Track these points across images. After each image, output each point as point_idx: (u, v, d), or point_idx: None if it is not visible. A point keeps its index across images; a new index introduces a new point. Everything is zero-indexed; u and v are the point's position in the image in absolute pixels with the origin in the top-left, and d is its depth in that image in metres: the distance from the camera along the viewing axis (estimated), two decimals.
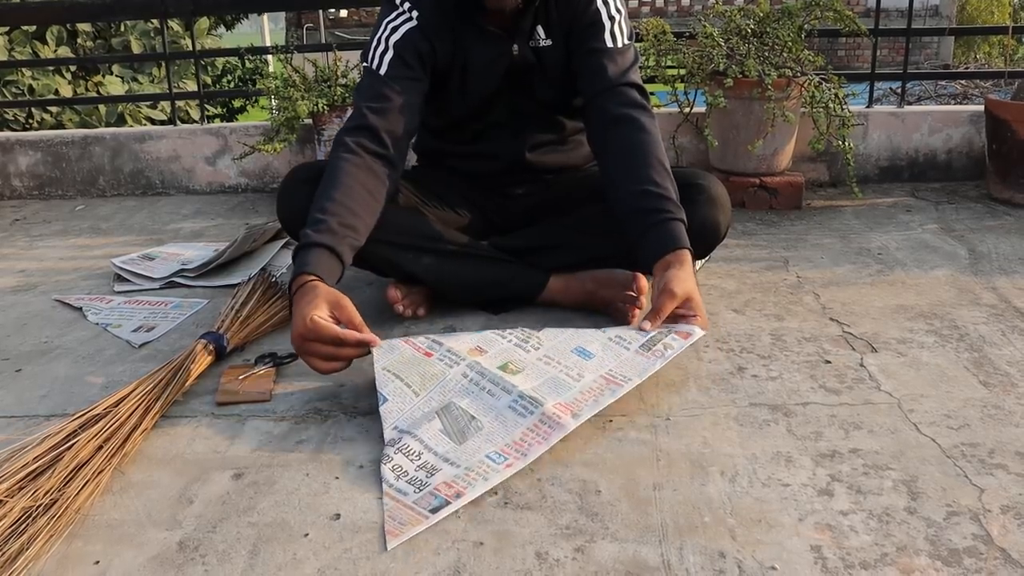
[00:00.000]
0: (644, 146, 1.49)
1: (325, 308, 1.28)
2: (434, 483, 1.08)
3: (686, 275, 1.37)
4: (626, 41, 1.58)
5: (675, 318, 1.37)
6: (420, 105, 1.57)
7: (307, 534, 1.01)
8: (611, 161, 1.53)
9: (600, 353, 1.32)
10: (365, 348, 1.29)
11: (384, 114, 1.51)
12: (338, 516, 1.04)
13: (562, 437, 1.15)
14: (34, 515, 1.02)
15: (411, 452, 1.15)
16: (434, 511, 1.03)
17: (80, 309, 1.81)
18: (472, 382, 1.26)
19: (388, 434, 1.19)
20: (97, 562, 0.97)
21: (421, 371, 1.28)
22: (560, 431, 1.16)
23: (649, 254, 1.42)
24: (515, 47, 1.59)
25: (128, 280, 1.98)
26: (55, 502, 1.04)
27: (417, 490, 1.08)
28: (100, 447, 1.15)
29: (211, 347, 1.45)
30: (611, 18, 1.57)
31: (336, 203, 1.41)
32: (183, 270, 1.99)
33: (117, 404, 1.24)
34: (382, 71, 1.54)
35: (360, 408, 1.31)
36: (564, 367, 1.29)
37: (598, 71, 1.55)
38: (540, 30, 1.60)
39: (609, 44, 1.56)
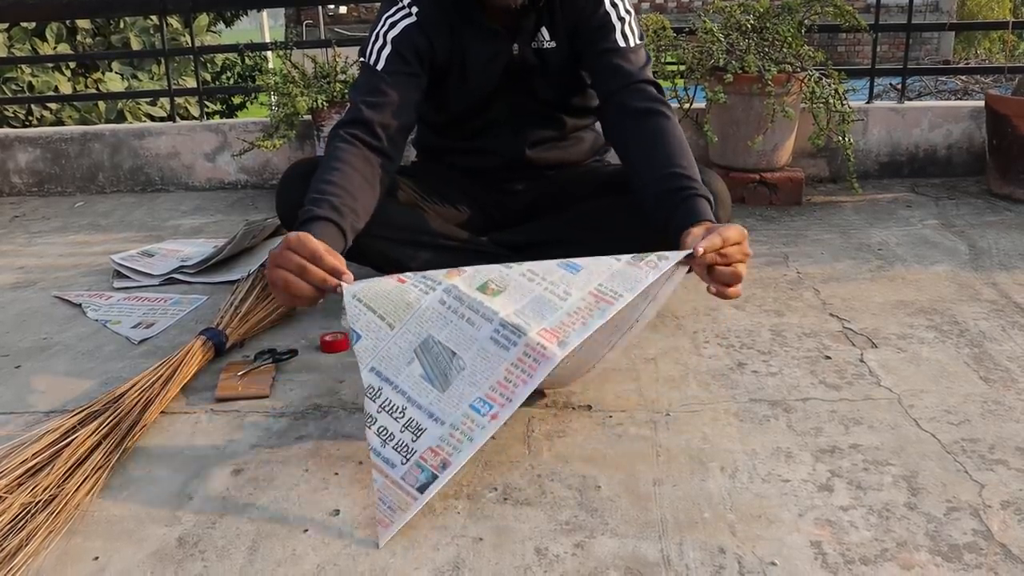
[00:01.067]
0: (668, 135, 1.44)
1: (319, 243, 1.20)
2: (420, 449, 1.04)
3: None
4: (637, 41, 1.57)
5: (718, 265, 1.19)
6: (417, 101, 1.56)
7: (306, 530, 1.01)
8: (636, 153, 1.48)
9: (589, 265, 1.18)
10: (335, 281, 1.17)
11: (379, 109, 1.49)
12: (337, 512, 1.04)
13: (547, 370, 1.06)
14: (33, 511, 1.01)
15: (394, 409, 1.09)
16: (421, 489, 1.01)
17: (79, 306, 1.81)
18: (450, 309, 1.15)
19: (366, 377, 1.11)
20: (96, 558, 0.97)
21: (394, 299, 1.17)
22: (546, 364, 1.06)
23: (677, 228, 1.30)
24: (515, 47, 1.59)
25: (127, 276, 1.98)
26: (54, 498, 1.04)
27: (404, 459, 1.04)
28: (99, 443, 1.15)
29: (210, 343, 1.45)
30: (621, 19, 1.56)
31: (335, 185, 1.36)
32: (182, 267, 1.99)
33: (116, 400, 1.24)
34: (379, 66, 1.53)
35: (359, 404, 1.31)
36: (549, 283, 1.17)
37: (615, 70, 1.53)
38: (544, 31, 1.59)
39: (621, 44, 1.55)
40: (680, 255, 1.17)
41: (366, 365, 1.11)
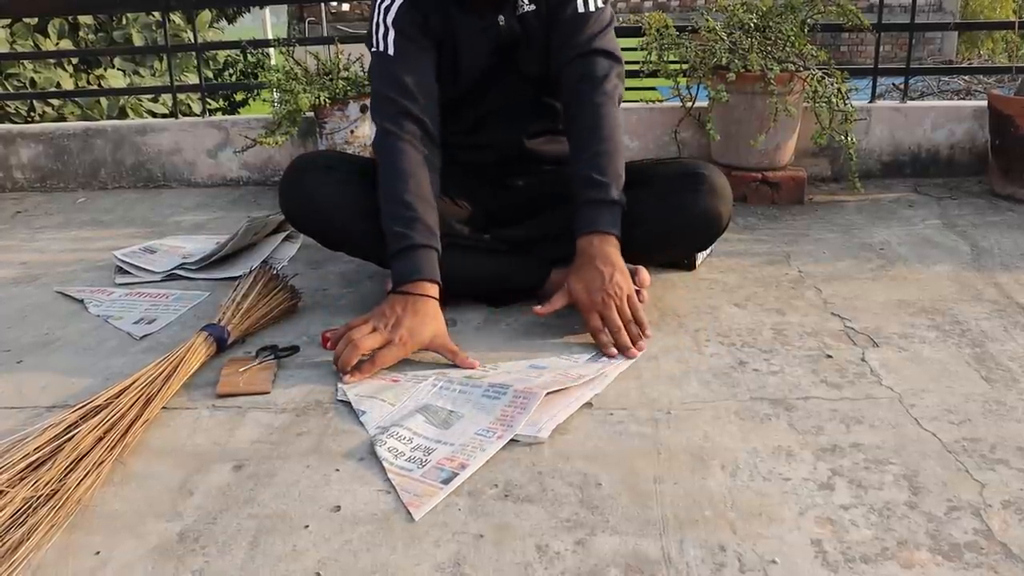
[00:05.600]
0: (587, 129, 1.52)
1: (441, 338, 1.42)
2: (434, 459, 1.12)
3: (580, 282, 1.46)
4: (600, 4, 1.58)
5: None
6: (434, 74, 1.59)
7: (307, 526, 1.01)
8: (569, 145, 1.58)
9: (552, 365, 1.40)
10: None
11: (410, 95, 1.53)
12: (338, 508, 1.04)
13: (538, 402, 1.22)
14: (35, 505, 1.02)
15: (402, 438, 1.18)
16: (445, 482, 1.07)
17: (81, 301, 1.81)
18: (443, 388, 1.32)
19: (372, 432, 1.21)
20: (98, 553, 0.97)
21: (393, 392, 1.33)
22: (535, 399, 1.22)
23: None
24: (501, 18, 1.59)
25: (129, 272, 1.98)
26: (56, 492, 1.04)
27: (420, 466, 1.11)
28: (101, 438, 1.15)
29: (212, 339, 1.45)
30: None
31: (417, 197, 1.46)
32: (184, 263, 1.99)
33: (118, 395, 1.24)
34: (390, 52, 1.55)
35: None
36: (523, 373, 1.36)
37: (564, 41, 1.58)
38: None
39: (580, 9, 1.57)
40: (630, 360, 1.41)
41: (372, 427, 1.22)
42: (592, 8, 1.57)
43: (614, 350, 1.42)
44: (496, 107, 1.68)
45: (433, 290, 1.42)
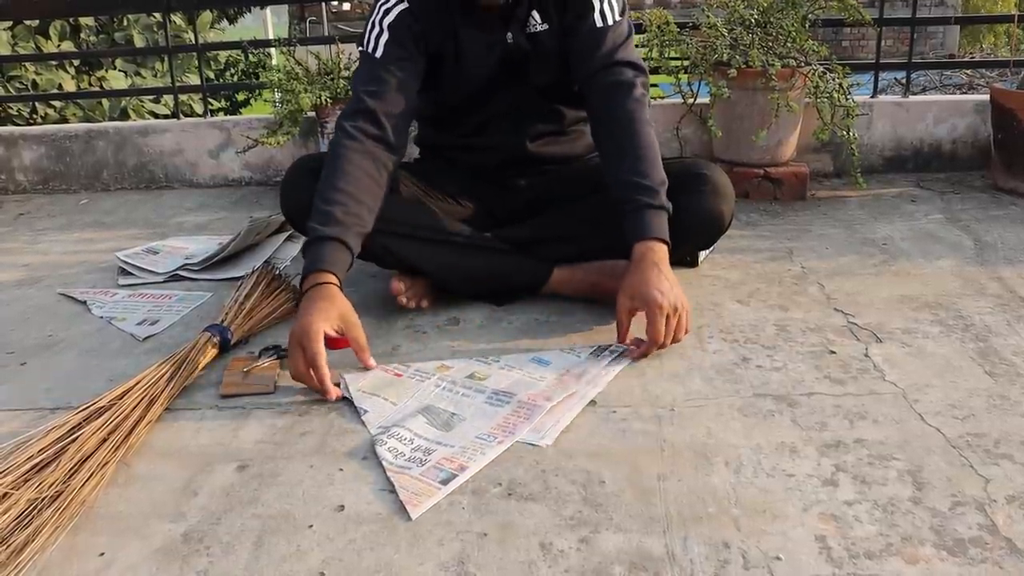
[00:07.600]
0: (624, 136, 1.51)
1: (336, 322, 1.33)
2: (434, 459, 1.13)
3: (645, 278, 1.38)
4: (617, 17, 1.58)
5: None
6: (417, 86, 1.59)
7: (311, 525, 1.01)
8: (602, 154, 1.58)
9: (555, 360, 1.40)
10: (334, 393, 1.31)
11: (382, 97, 1.52)
12: (342, 507, 1.04)
13: (542, 415, 1.22)
14: (40, 507, 1.02)
15: (403, 438, 1.18)
16: (444, 483, 1.07)
17: (84, 303, 1.81)
18: (445, 389, 1.32)
19: (374, 432, 1.21)
20: (102, 554, 0.97)
21: (395, 387, 1.33)
22: (539, 411, 1.22)
23: (626, 241, 1.46)
24: (509, 35, 1.59)
25: (132, 274, 1.98)
26: (60, 494, 1.04)
27: (419, 465, 1.11)
28: (105, 439, 1.15)
29: (215, 340, 1.45)
30: None
31: (340, 192, 1.43)
32: (187, 264, 1.99)
33: (121, 397, 1.25)
34: (378, 54, 1.55)
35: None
36: (526, 372, 1.37)
37: (586, 55, 1.57)
38: (536, 15, 1.60)
39: (599, 24, 1.57)
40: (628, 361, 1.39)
41: (373, 428, 1.22)
42: (610, 22, 1.57)
43: (626, 342, 1.42)
44: (500, 112, 1.68)
45: (333, 279, 1.38)
